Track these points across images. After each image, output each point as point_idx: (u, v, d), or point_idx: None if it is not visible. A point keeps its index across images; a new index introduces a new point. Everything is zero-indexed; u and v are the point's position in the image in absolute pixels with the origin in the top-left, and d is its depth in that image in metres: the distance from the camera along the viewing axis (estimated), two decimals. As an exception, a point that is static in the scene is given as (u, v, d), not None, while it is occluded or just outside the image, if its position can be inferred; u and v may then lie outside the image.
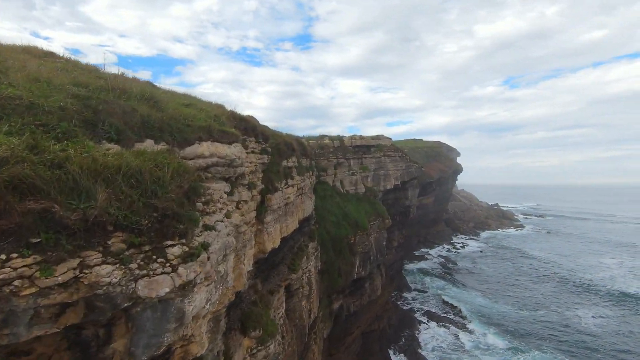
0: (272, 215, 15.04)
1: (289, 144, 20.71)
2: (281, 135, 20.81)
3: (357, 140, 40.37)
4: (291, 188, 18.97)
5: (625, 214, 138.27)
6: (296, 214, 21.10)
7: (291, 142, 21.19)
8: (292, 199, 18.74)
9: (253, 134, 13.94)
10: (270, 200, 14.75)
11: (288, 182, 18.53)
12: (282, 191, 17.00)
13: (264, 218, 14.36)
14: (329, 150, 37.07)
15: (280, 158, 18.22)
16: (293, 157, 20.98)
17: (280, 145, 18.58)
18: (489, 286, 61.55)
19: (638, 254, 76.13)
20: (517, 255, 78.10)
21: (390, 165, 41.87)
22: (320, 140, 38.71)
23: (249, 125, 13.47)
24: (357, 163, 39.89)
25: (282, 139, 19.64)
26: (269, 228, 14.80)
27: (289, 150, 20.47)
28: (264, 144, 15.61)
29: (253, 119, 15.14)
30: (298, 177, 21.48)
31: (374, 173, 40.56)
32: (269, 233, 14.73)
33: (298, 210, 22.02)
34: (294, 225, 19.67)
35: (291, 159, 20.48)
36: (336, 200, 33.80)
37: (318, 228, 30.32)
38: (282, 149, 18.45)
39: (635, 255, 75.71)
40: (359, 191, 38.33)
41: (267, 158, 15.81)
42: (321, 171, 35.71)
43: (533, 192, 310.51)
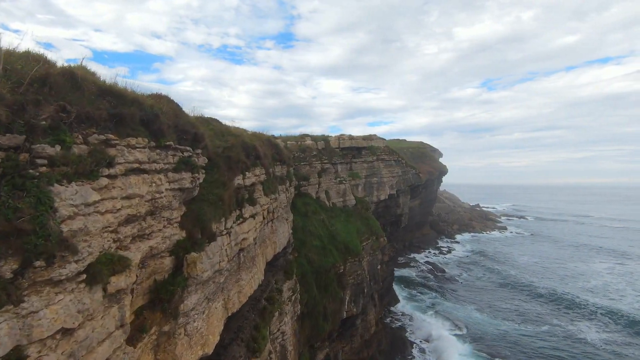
0: (198, 294, 7.44)
1: (250, 149, 13.16)
2: (237, 134, 13.19)
3: (346, 140, 33.26)
4: (251, 220, 11.49)
5: (600, 215, 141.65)
6: (262, 257, 13.61)
7: (254, 145, 13.61)
8: (251, 238, 11.27)
9: (148, 129, 6.29)
10: (194, 266, 7.14)
11: (244, 211, 11.02)
12: (231, 234, 9.49)
13: (178, 304, 6.76)
14: (311, 153, 29.75)
15: (230, 173, 10.66)
16: (257, 169, 13.45)
17: (231, 151, 11.03)
18: (483, 297, 57.34)
19: (625, 258, 75.50)
20: (506, 262, 75.29)
21: (385, 171, 35.14)
22: (301, 140, 31.27)
23: (132, 110, 5.82)
24: (345, 169, 32.85)
25: (237, 141, 12.09)
26: (193, 323, 7.21)
27: (249, 159, 12.95)
28: (187, 151, 7.97)
29: (160, 98, 7.47)
30: (265, 199, 14.00)
31: (365, 181, 33.69)
32: (193, 334, 7.13)
33: (265, 247, 14.51)
34: (256, 279, 12.17)
35: (253, 171, 12.95)
36: (321, 218, 26.48)
37: (297, 257, 22.89)
38: (235, 158, 10.87)
39: (623, 261, 74.77)
40: (348, 203, 31.24)
41: (195, 178, 8.18)
42: (302, 180, 28.32)
43: (509, 192, 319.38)
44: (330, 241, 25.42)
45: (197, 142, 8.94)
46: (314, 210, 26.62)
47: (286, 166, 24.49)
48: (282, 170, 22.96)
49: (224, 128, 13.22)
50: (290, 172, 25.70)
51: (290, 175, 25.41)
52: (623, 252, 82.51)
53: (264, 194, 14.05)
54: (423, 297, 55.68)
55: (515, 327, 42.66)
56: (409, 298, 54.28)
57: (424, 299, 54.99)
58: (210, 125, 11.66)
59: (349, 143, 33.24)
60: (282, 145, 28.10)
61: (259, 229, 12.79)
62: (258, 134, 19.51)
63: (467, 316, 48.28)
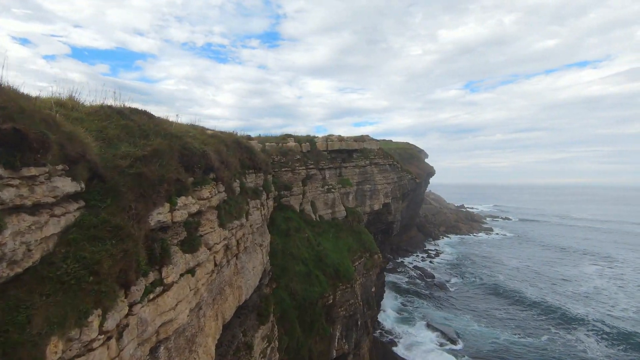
0: None
1: (195, 157, 8.36)
2: (176, 134, 8.34)
3: (335, 142, 28.76)
4: (186, 280, 6.77)
5: (581, 215, 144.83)
6: (215, 319, 8.87)
7: (202, 152, 8.79)
8: (184, 314, 6.55)
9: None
10: None
11: (168, 271, 6.29)
12: (127, 328, 4.82)
13: None
14: (294, 157, 25.04)
15: (142, 204, 5.90)
16: (206, 188, 8.63)
17: (149, 164, 6.26)
18: (476, 306, 55.01)
19: (611, 260, 75.97)
20: (495, 266, 74.12)
21: (379, 177, 30.91)
22: (282, 142, 26.50)
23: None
24: (334, 175, 28.40)
25: (167, 145, 7.29)
26: None
27: (192, 172, 8.19)
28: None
29: None
30: (221, 232, 9.26)
31: (357, 188, 29.38)
32: None
33: (223, 301, 9.76)
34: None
35: (197, 193, 8.16)
36: (305, 236, 21.85)
37: (277, 289, 18.18)
38: (152, 177, 6.10)
39: (610, 263, 75.06)
40: (337, 215, 26.77)
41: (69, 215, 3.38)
42: (283, 190, 23.59)
43: (491, 192, 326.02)
44: (317, 265, 20.84)
45: (44, 148, 4.12)
46: (298, 226, 21.94)
47: (262, 174, 19.69)
48: (256, 180, 18.15)
49: (154, 123, 8.35)
50: (269, 182, 20.92)
51: (268, 185, 20.64)
52: (608, 253, 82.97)
53: (220, 223, 9.29)
54: (414, 306, 52.47)
55: (514, 339, 40.00)
56: (400, 308, 50.95)
57: (415, 308, 51.76)
58: (115, 119, 6.81)
59: (338, 145, 28.76)
60: (260, 148, 23.24)
61: (206, 284, 8.05)
62: (222, 134, 14.65)
63: (462, 327, 45.25)
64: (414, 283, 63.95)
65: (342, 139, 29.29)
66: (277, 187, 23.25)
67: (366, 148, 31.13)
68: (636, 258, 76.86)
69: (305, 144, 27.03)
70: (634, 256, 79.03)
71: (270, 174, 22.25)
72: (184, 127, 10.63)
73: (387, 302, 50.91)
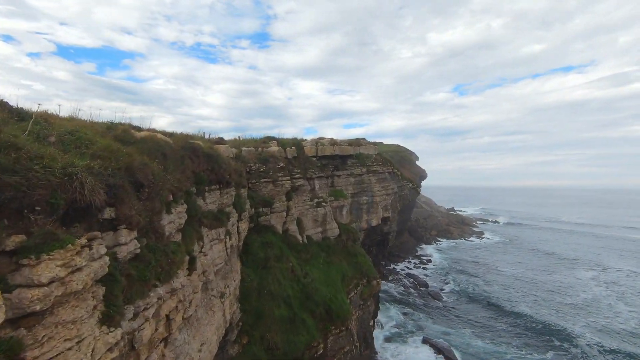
0: None
1: (52, 189, 3.84)
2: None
3: (326, 146, 24.23)
4: None
5: (571, 219, 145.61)
6: None
7: (69, 180, 4.21)
8: None
9: None
10: None
11: None
12: None
13: None
14: (277, 164, 20.38)
15: None
16: (69, 251, 4.14)
17: None
18: (476, 318, 51.76)
19: (605, 266, 75.56)
20: (490, 274, 71.89)
21: (378, 187, 26.51)
22: (262, 146, 21.80)
23: None
24: (325, 185, 23.93)
25: None
26: None
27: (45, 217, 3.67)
28: None
29: None
30: (139, 306, 4.71)
31: (352, 201, 24.99)
32: None
33: None
34: None
35: (47, 264, 3.67)
36: (289, 265, 17.23)
37: (248, 345, 13.50)
38: None
39: (604, 269, 74.34)
40: (329, 234, 22.28)
41: None
42: (263, 206, 18.91)
43: (480, 194, 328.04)
44: (304, 304, 16.24)
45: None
46: (279, 254, 17.31)
47: (233, 189, 15.03)
48: (221, 199, 13.43)
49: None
50: (242, 198, 16.25)
51: (242, 202, 15.95)
52: (602, 261, 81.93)
53: (103, 317, 4.68)
54: (408, 319, 48.49)
55: (521, 355, 36.70)
56: (393, 322, 46.82)
57: (409, 321, 47.74)
58: None
59: (330, 150, 24.25)
60: (233, 154, 18.51)
61: None
62: (163, 137, 9.90)
63: (463, 344, 41.63)
64: (407, 293, 60.29)
65: (334, 143, 24.80)
66: (254, 203, 18.59)
67: (362, 153, 26.77)
68: (629, 265, 76.41)
69: (291, 148, 22.44)
70: (627, 263, 78.47)
71: (246, 188, 17.62)
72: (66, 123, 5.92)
73: (379, 314, 46.67)
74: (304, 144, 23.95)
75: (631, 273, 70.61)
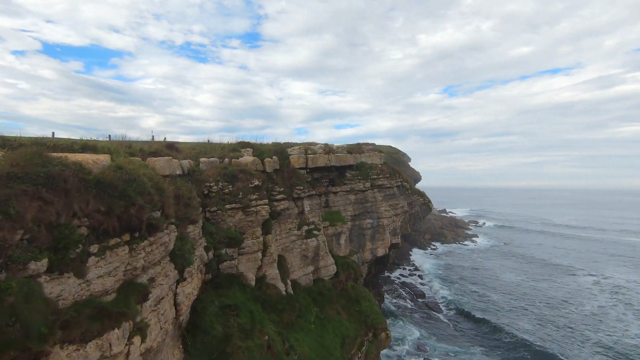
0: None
1: None
2: None
3: (319, 156, 18.20)
4: None
5: (560, 220, 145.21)
6: None
7: None
8: None
9: None
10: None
11: None
12: None
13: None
14: (250, 182, 14.30)
15: None
16: None
17: None
18: (482, 334, 48.20)
19: (605, 270, 74.15)
20: (489, 282, 69.07)
21: (385, 206, 20.57)
22: (231, 156, 15.70)
23: None
24: (317, 206, 18.04)
25: None
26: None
27: None
28: None
29: None
30: None
31: (353, 225, 19.22)
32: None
33: None
34: None
35: None
36: (264, 340, 11.24)
37: None
38: None
39: (604, 274, 72.60)
40: (322, 274, 16.40)
41: None
42: (227, 245, 12.85)
43: (469, 195, 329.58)
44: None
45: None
46: (248, 323, 11.31)
47: (167, 233, 8.97)
48: (132, 260, 7.36)
49: None
50: (189, 242, 10.14)
51: (186, 250, 9.84)
52: (600, 265, 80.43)
53: None
54: (406, 334, 43.67)
55: None
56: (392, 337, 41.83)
57: (408, 337, 42.91)
58: None
59: (324, 160, 18.25)
60: (187, 168, 12.36)
61: None
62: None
63: None
64: (404, 304, 55.83)
65: (329, 150, 18.77)
66: (213, 242, 12.52)
67: (365, 163, 20.86)
68: (629, 272, 74.89)
69: (271, 159, 16.38)
70: (626, 269, 76.97)
71: (198, 222, 11.53)
72: None
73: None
74: (289, 152, 17.90)
75: (631, 279, 68.78)
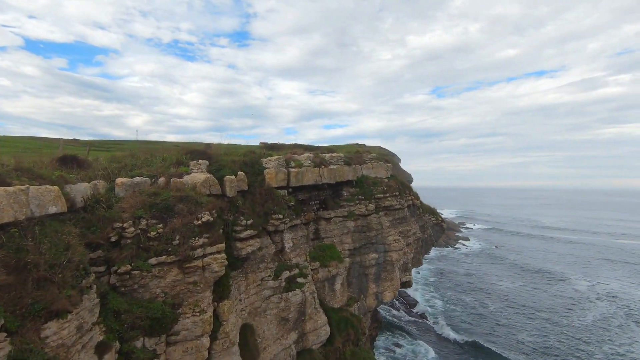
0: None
1: None
2: None
3: (307, 169, 12.84)
4: None
5: (550, 222, 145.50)
6: None
7: None
8: None
9: None
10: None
11: None
12: None
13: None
14: (196, 215, 8.88)
15: None
16: None
17: None
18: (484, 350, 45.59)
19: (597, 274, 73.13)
20: (485, 289, 66.86)
21: (394, 234, 15.19)
22: (173, 175, 10.19)
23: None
24: (304, 239, 12.80)
25: None
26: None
27: None
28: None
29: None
30: None
31: (351, 262, 14.03)
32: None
33: None
34: None
35: None
36: None
37: None
38: None
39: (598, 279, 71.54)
40: (311, 342, 11.18)
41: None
42: (145, 334, 7.41)
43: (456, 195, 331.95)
44: None
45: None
46: None
47: None
48: None
49: None
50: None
51: None
52: (596, 271, 79.26)
53: None
54: (401, 350, 39.76)
55: None
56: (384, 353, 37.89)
57: (403, 352, 39.02)
58: None
59: (313, 176, 12.85)
60: (55, 207, 6.84)
61: None
62: None
63: None
64: (398, 314, 52.12)
65: (321, 162, 13.34)
66: (121, 328, 7.13)
67: (368, 177, 15.59)
68: (623, 276, 74.03)
69: (235, 176, 10.96)
70: (620, 274, 76.25)
71: (80, 304, 6.13)
72: None
73: None
74: (264, 165, 12.49)
75: (624, 284, 67.53)
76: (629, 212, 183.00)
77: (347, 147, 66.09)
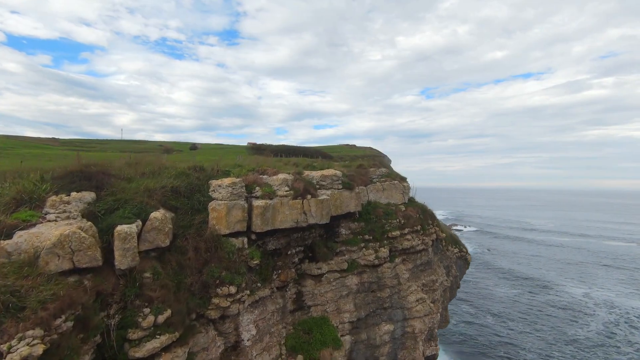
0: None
1: None
2: None
3: (283, 201, 7.65)
4: None
5: (540, 223, 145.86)
6: None
7: None
8: None
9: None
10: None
11: None
12: None
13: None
14: None
15: None
16: None
17: None
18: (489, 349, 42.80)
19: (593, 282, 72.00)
20: (482, 296, 64.64)
21: (415, 290, 9.69)
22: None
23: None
24: (276, 314, 7.62)
25: None
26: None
27: None
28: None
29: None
30: None
31: (354, 341, 8.88)
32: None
33: None
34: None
35: None
36: None
37: None
38: None
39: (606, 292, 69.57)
40: None
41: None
42: None
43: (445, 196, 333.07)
44: None
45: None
46: None
47: None
48: None
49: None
50: None
51: None
52: (592, 277, 78.12)
53: None
54: None
55: None
56: None
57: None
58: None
59: (293, 214, 7.50)
60: None
61: None
62: None
63: None
64: None
65: (305, 187, 8.12)
66: None
67: (377, 204, 10.25)
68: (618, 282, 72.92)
69: (136, 227, 5.71)
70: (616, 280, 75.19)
71: None
72: None
73: None
74: (211, 194, 7.14)
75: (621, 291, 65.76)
76: (613, 214, 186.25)
77: (337, 148, 60.61)
